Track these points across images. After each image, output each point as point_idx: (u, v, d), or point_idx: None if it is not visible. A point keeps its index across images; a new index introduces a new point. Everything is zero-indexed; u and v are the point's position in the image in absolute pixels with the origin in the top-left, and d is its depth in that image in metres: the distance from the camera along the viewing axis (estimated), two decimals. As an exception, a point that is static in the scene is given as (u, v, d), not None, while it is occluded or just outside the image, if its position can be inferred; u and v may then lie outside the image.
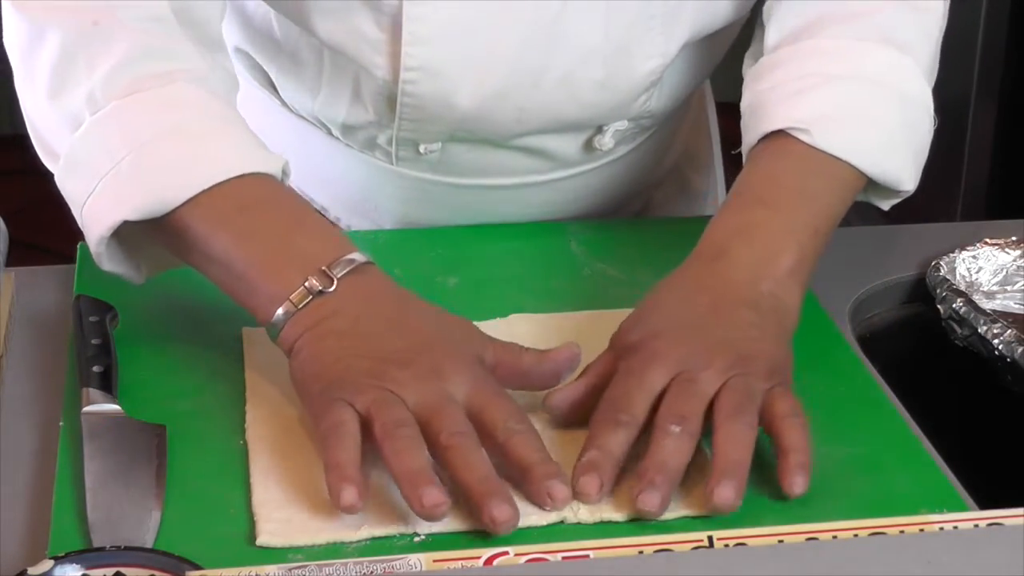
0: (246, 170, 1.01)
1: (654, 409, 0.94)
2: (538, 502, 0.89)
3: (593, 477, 0.91)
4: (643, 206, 1.37)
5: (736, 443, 0.92)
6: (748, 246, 1.04)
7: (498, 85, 1.14)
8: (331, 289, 0.96)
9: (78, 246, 1.18)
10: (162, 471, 0.92)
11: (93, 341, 1.02)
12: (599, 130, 1.22)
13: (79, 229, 1.06)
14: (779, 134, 1.09)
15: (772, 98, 1.11)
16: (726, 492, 0.89)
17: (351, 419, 0.91)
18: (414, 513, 0.87)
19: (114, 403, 0.97)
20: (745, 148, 1.12)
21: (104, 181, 1.01)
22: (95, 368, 1.00)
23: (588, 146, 1.23)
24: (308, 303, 0.96)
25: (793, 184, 1.08)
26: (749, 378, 0.96)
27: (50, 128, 1.06)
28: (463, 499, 0.89)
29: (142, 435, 0.95)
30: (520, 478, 0.90)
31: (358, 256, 0.98)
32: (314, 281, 0.96)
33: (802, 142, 1.08)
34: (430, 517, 0.87)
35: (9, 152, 3.64)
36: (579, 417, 0.97)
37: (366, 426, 0.91)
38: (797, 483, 0.91)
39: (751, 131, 1.11)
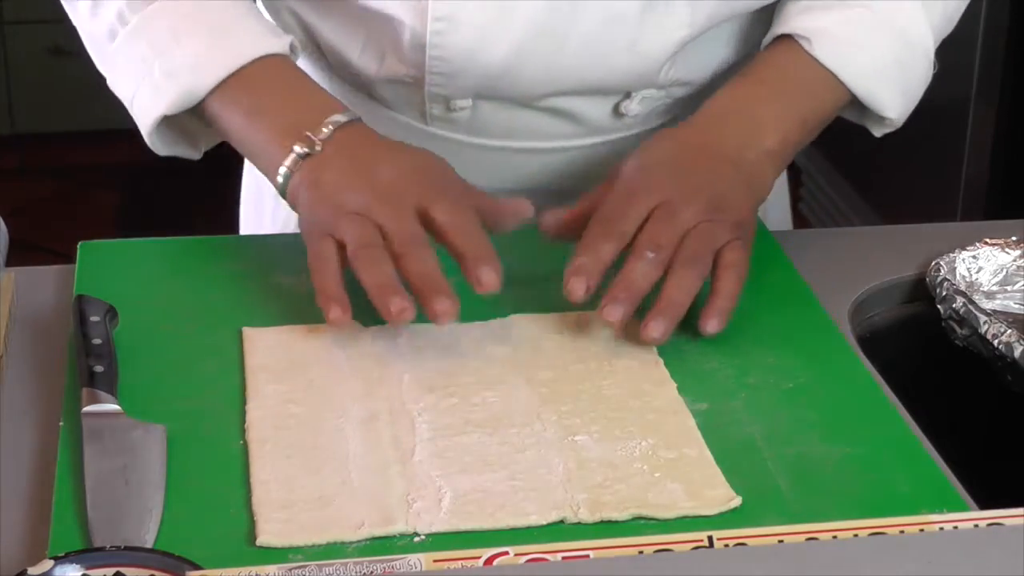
0: (256, 55, 1.15)
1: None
2: (470, 282, 1.04)
3: (580, 280, 1.05)
4: None
5: (681, 289, 1.06)
6: (740, 120, 1.16)
7: (523, 42, 1.17)
8: (317, 149, 1.11)
9: (78, 246, 1.18)
10: (162, 471, 0.92)
11: (93, 341, 1.02)
12: (627, 96, 1.24)
13: (79, 229, 1.07)
14: (788, 39, 1.19)
15: (791, 10, 1.21)
16: (657, 328, 1.04)
17: (330, 247, 1.06)
18: (387, 320, 1.02)
19: (114, 403, 0.97)
20: (762, 48, 1.22)
21: (141, 84, 1.17)
22: (95, 368, 1.00)
23: (616, 111, 1.25)
24: (300, 165, 1.11)
25: (791, 77, 1.19)
26: (716, 226, 1.08)
27: (96, 41, 1.22)
28: None
29: (142, 435, 0.95)
30: (458, 263, 1.05)
31: (341, 117, 1.12)
32: (301, 146, 1.11)
33: (803, 49, 1.18)
34: (398, 322, 1.02)
35: (9, 152, 3.65)
36: (567, 234, 1.11)
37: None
38: (711, 324, 1.06)
39: (768, 35, 1.22)
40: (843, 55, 1.18)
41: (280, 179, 1.11)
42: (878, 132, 1.25)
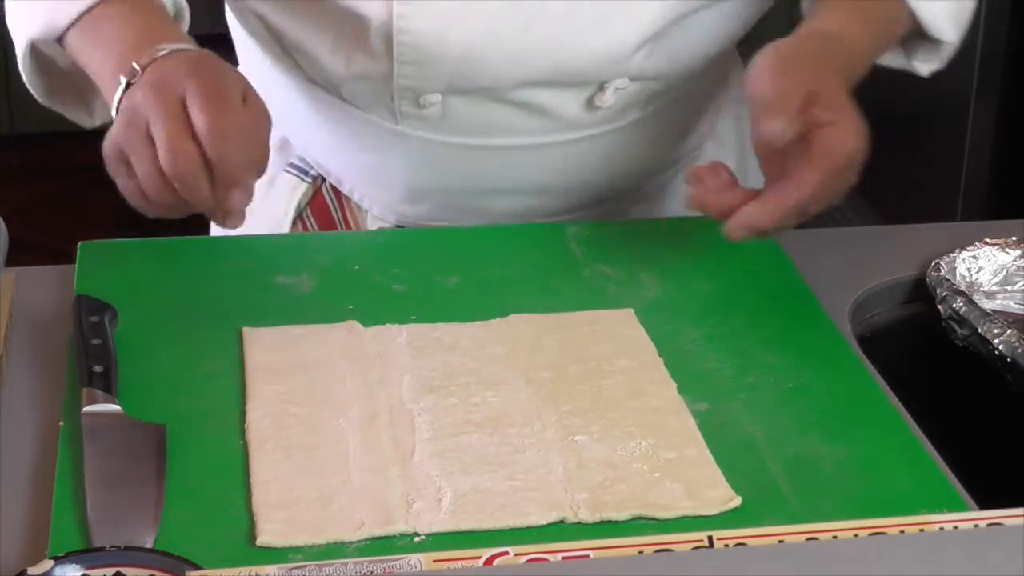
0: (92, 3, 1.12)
1: None
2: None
3: (779, 121, 1.06)
4: (659, 189, 1.36)
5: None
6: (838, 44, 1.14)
7: (489, 23, 1.16)
8: (135, 80, 1.07)
9: (78, 246, 1.18)
10: (162, 471, 0.92)
11: (93, 341, 1.02)
12: (600, 88, 1.22)
13: (79, 229, 1.07)
14: None
15: None
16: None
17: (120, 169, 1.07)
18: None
19: (114, 403, 0.97)
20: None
21: (18, 11, 1.16)
22: (95, 368, 1.00)
23: (590, 105, 1.23)
24: (123, 93, 1.08)
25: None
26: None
27: None
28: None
29: (142, 435, 0.95)
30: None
31: (168, 45, 1.09)
32: (125, 77, 1.08)
33: None
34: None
35: (9, 152, 3.65)
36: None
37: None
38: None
39: None
40: None
41: (113, 112, 1.09)
42: (925, 69, 1.27)
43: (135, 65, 1.07)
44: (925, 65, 1.26)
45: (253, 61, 1.32)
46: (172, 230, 1.42)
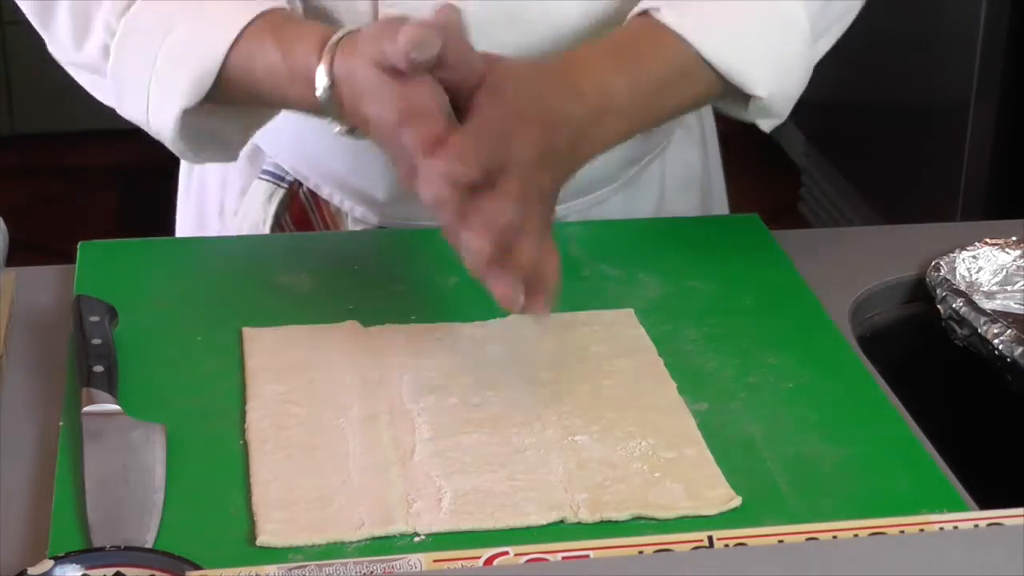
0: (248, 20, 1.08)
1: None
2: None
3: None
4: (636, 177, 1.34)
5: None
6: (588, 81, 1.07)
7: (474, 16, 1.11)
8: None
9: (78, 246, 1.18)
10: (162, 471, 0.92)
11: (93, 341, 1.02)
12: None
13: (79, 229, 1.06)
14: (644, 15, 1.12)
15: None
16: None
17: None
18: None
19: (114, 403, 0.97)
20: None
21: (150, 88, 1.11)
22: (95, 368, 1.00)
23: None
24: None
25: (641, 41, 1.12)
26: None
27: (91, 69, 1.15)
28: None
29: (142, 435, 0.95)
30: None
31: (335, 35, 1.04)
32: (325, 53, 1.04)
33: (656, 20, 1.11)
34: None
35: (9, 152, 3.65)
36: None
37: None
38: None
39: (627, 18, 1.14)
40: (691, 21, 1.11)
41: (322, 83, 1.04)
42: (766, 125, 1.18)
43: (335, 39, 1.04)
44: (761, 117, 1.17)
45: None
46: (172, 230, 1.42)
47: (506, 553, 0.84)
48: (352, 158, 1.26)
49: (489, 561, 0.83)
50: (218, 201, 1.36)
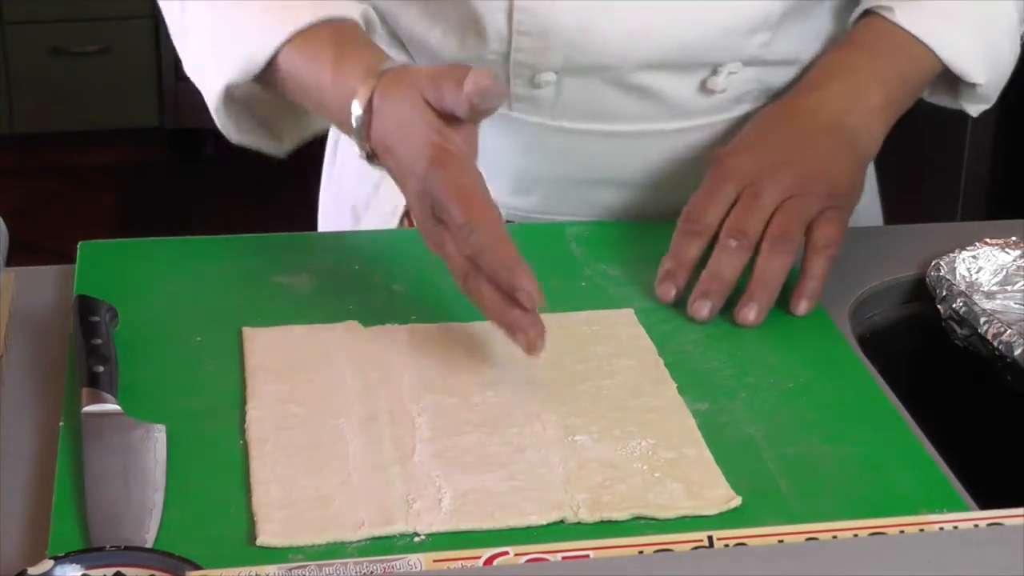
0: (315, 19, 1.10)
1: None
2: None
3: (668, 285, 1.11)
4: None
5: (770, 271, 1.09)
6: (842, 83, 1.18)
7: None
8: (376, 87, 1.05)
9: (78, 246, 1.18)
10: (162, 471, 0.92)
11: (93, 341, 1.02)
12: (714, 71, 1.23)
13: (79, 229, 1.06)
14: (872, 14, 1.22)
15: None
16: (751, 312, 1.09)
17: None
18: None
19: (114, 403, 0.97)
20: (848, 27, 1.24)
21: (207, 56, 1.15)
22: (95, 368, 1.00)
23: (703, 88, 1.23)
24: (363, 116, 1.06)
25: (884, 41, 1.21)
26: (805, 200, 1.11)
27: (173, 22, 1.19)
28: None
29: (142, 435, 0.95)
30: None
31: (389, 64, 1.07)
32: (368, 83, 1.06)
33: (889, 20, 1.20)
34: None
35: (9, 152, 3.66)
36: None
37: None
38: (801, 305, 1.11)
39: (852, 15, 1.24)
40: (923, 19, 1.20)
41: (357, 110, 1.06)
42: (974, 109, 1.26)
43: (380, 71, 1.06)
44: (972, 104, 1.26)
45: None
46: (172, 230, 1.42)
47: (506, 553, 0.84)
48: (484, 143, 1.27)
49: (489, 561, 0.83)
50: (352, 194, 1.37)
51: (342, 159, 1.42)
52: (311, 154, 1.41)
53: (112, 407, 0.97)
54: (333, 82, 1.08)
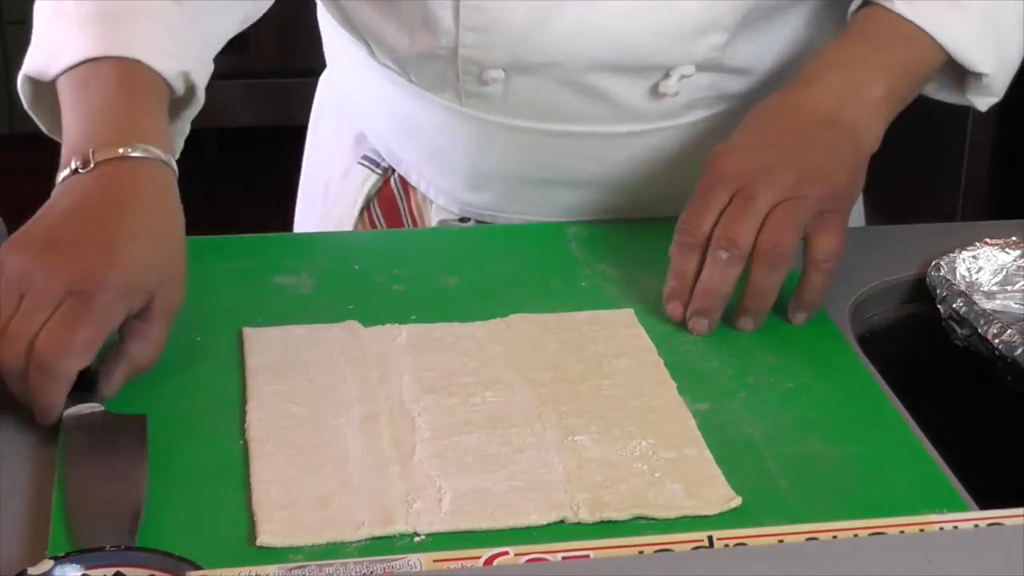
0: (113, 53, 1.07)
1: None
2: None
3: (675, 305, 1.09)
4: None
5: (764, 281, 1.07)
6: (841, 74, 1.15)
7: None
8: (85, 170, 1.02)
9: (78, 246, 1.17)
10: (143, 463, 0.92)
11: None
12: (666, 74, 1.22)
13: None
14: (871, 5, 1.18)
15: None
16: (747, 323, 1.09)
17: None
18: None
19: (93, 401, 0.97)
20: (848, 19, 1.21)
21: (32, 39, 1.15)
22: None
23: (654, 92, 1.22)
24: (65, 178, 1.03)
25: (886, 31, 1.17)
26: (802, 203, 1.08)
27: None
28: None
29: (122, 428, 0.95)
30: None
31: (130, 151, 1.02)
32: (77, 163, 1.03)
33: (888, 9, 1.17)
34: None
35: (9, 152, 3.65)
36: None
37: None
38: (799, 316, 1.10)
39: (851, 6, 1.21)
40: (924, 6, 1.17)
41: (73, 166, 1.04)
42: (982, 103, 1.24)
43: (90, 156, 1.03)
44: (979, 98, 1.24)
45: (336, 53, 1.35)
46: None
47: (506, 553, 0.84)
48: (438, 137, 1.27)
49: (489, 561, 0.83)
50: (324, 182, 1.39)
51: (317, 151, 1.43)
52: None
53: (93, 406, 0.97)
54: (80, 121, 1.06)
